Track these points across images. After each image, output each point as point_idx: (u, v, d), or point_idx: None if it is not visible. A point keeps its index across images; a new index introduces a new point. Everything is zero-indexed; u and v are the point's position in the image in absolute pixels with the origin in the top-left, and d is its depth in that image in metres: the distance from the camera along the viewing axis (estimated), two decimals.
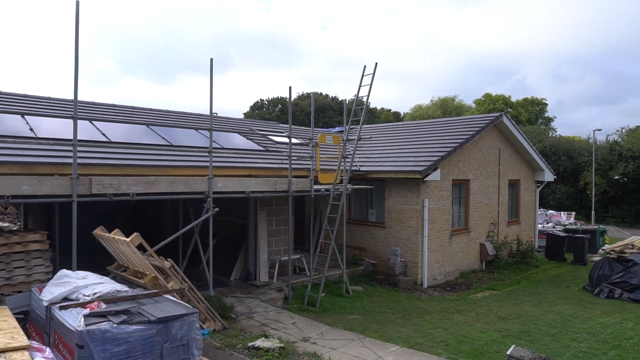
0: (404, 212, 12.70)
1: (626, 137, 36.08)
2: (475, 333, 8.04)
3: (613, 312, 9.97)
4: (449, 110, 49.56)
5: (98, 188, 6.85)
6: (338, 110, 50.22)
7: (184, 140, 10.74)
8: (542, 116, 53.39)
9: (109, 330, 4.01)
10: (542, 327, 8.52)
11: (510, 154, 16.44)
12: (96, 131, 9.57)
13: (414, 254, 12.46)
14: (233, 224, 11.99)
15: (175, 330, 4.42)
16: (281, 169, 10.36)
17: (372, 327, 8.26)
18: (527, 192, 17.64)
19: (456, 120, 16.91)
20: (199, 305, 7.10)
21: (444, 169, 12.90)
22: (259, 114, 53.51)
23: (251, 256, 11.11)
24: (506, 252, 15.57)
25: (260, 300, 9.45)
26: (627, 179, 31.63)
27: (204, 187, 8.08)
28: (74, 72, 6.57)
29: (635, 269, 11.56)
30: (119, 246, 6.64)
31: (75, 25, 6.51)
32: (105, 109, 12.64)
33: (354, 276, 12.28)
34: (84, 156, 7.64)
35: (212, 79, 8.34)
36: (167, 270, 6.83)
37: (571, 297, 11.66)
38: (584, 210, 32.90)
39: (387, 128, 18.96)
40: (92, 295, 4.74)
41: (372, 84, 10.37)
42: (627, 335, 8.08)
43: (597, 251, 17.47)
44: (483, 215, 14.98)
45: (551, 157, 34.83)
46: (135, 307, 4.57)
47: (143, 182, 7.35)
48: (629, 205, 32.14)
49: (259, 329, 7.62)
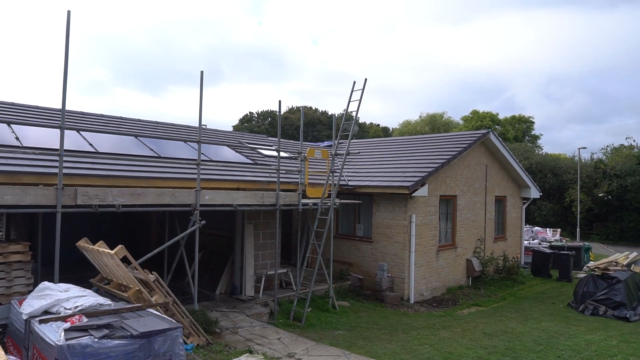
0: (391, 227, 12.73)
1: (610, 156, 36.79)
2: (461, 349, 8.03)
3: (597, 329, 10.04)
4: (437, 127, 50.11)
5: (83, 199, 6.77)
6: (327, 125, 50.48)
7: (173, 152, 10.69)
8: (529, 134, 54.22)
9: (90, 345, 3.94)
10: (528, 344, 8.54)
11: (497, 170, 16.62)
12: (83, 141, 9.49)
13: (400, 270, 12.46)
14: (220, 237, 11.90)
15: (158, 345, 4.35)
16: (269, 183, 10.34)
17: (358, 343, 8.21)
18: (514, 209, 17.81)
19: (444, 137, 17.10)
20: (182, 320, 6.99)
21: (431, 185, 12.99)
22: (248, 126, 53.55)
23: (237, 270, 11.01)
24: (492, 268, 15.65)
25: (245, 314, 9.34)
26: (611, 196, 32.17)
27: (191, 199, 8.02)
28: (62, 81, 6.53)
29: (619, 286, 11.69)
30: (103, 258, 6.55)
31: (66, 35, 6.49)
32: (94, 119, 12.56)
33: (340, 291, 12.22)
34: (70, 166, 7.55)
35: (202, 92, 8.35)
36: (152, 283, 6.74)
37: (556, 313, 11.73)
38: (570, 227, 33.31)
39: (376, 143, 19.10)
40: (74, 309, 4.66)
41: (362, 99, 10.47)
42: (611, 352, 8.13)
43: (582, 268, 17.67)
44: (470, 231, 15.07)
45: (537, 174, 35.30)
46: (118, 321, 4.50)
47: (129, 194, 7.28)
48: (613, 222, 32.63)
49: (244, 344, 7.52)
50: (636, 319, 11.11)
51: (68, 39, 6.51)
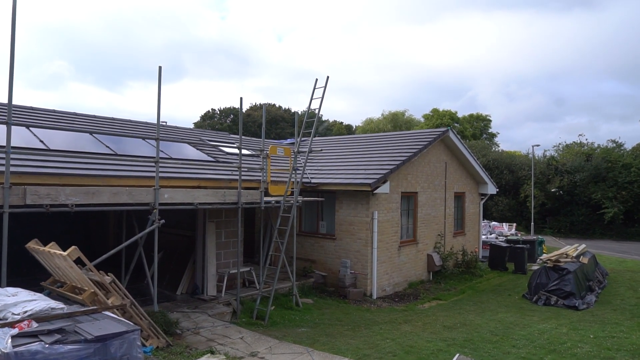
0: (354, 224, 12.84)
1: (562, 153, 38.50)
2: (422, 343, 8.21)
3: (550, 319, 10.49)
4: (399, 124, 50.95)
5: (33, 198, 6.46)
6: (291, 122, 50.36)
7: (130, 149, 10.37)
8: (487, 132, 56.00)
9: (40, 351, 3.76)
10: (485, 335, 8.83)
11: (456, 167, 17.07)
12: (33, 138, 9.06)
13: (363, 266, 12.60)
14: (180, 236, 11.66)
15: (114, 348, 4.21)
16: (231, 181, 10.22)
17: (321, 340, 8.24)
18: (472, 205, 18.35)
19: (405, 135, 17.40)
20: (141, 322, 6.81)
21: (393, 182, 13.19)
22: (210, 124, 52.70)
23: (199, 269, 10.82)
24: (452, 262, 16.08)
25: (207, 314, 9.20)
26: (562, 192, 33.73)
27: (149, 198, 7.81)
28: (9, 73, 6.21)
29: (569, 277, 12.25)
30: (55, 260, 6.28)
31: (12, 24, 6.16)
32: (46, 115, 12.01)
33: (304, 289, 12.23)
34: (19, 164, 7.20)
35: (160, 88, 8.13)
36: (108, 285, 6.52)
37: (512, 305, 12.17)
38: (525, 221, 34.67)
39: (339, 141, 19.21)
40: (23, 314, 4.43)
41: (324, 97, 10.48)
42: (561, 340, 8.52)
43: (535, 260, 18.39)
44: (430, 227, 15.42)
45: (494, 171, 36.52)
46: (71, 326, 4.32)
47: (83, 193, 7.01)
48: (565, 216, 34.25)
49: (206, 345, 7.40)
50: (584, 308, 11.69)
51: (14, 28, 6.18)
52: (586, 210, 33.20)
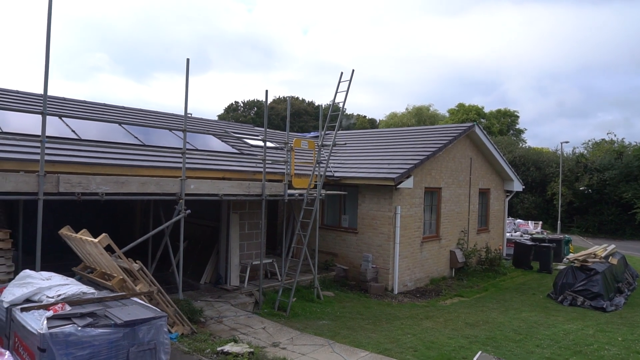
0: (376, 218, 12.81)
1: (591, 150, 37.45)
2: (444, 339, 8.16)
3: (575, 319, 10.29)
4: (423, 119, 50.37)
5: (66, 186, 6.67)
6: (314, 115, 50.34)
7: (157, 140, 10.56)
8: (514, 127, 54.81)
9: (73, 333, 3.90)
10: (508, 334, 8.72)
11: (481, 163, 16.81)
12: (66, 128, 9.32)
13: (385, 261, 12.57)
14: (205, 226, 11.84)
15: (142, 334, 4.33)
16: (255, 173, 10.31)
17: (342, 333, 8.29)
18: (497, 201, 18.06)
19: (430, 129, 17.20)
20: (167, 309, 6.97)
21: (416, 177, 13.09)
22: (233, 116, 53.12)
23: (222, 260, 10.99)
24: (475, 259, 15.88)
25: (230, 304, 9.35)
26: (591, 190, 32.84)
27: (176, 188, 7.96)
28: (44, 66, 6.39)
29: (597, 278, 11.97)
30: (86, 247, 6.47)
31: (48, 19, 6.34)
32: (77, 105, 12.33)
33: (325, 281, 12.29)
34: (52, 153, 7.43)
35: (187, 80, 8.25)
36: (136, 272, 6.69)
37: (536, 304, 11.97)
38: (551, 219, 33.93)
39: (362, 134, 19.13)
40: (56, 297, 4.60)
41: (349, 91, 10.46)
42: (587, 342, 8.35)
43: (562, 260, 18.01)
44: (454, 223, 15.25)
45: (520, 168, 35.79)
46: (102, 310, 4.46)
47: (113, 182, 7.19)
48: (593, 215, 33.35)
49: (229, 334, 7.54)
50: (612, 309, 11.41)
51: (50, 23, 6.36)
52: (616, 209, 32.25)
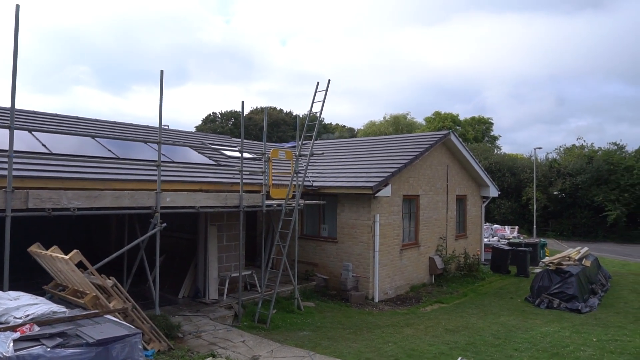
0: (355, 227, 12.83)
1: (563, 155, 38.43)
2: (424, 346, 8.18)
3: (552, 322, 10.45)
4: (400, 127, 50.93)
5: (35, 202, 6.48)
6: (292, 125, 50.37)
7: (133, 153, 10.39)
8: (488, 134, 55.92)
9: (42, 354, 3.76)
10: (487, 339, 8.80)
11: (457, 170, 17.05)
12: (36, 142, 9.09)
13: (365, 269, 12.58)
14: (182, 239, 11.67)
15: (116, 352, 4.21)
16: (233, 184, 10.22)
17: (323, 344, 8.22)
18: (474, 207, 18.32)
19: (407, 138, 17.39)
20: (142, 325, 6.81)
21: (394, 185, 13.19)
22: (211, 127, 52.75)
23: (200, 273, 10.82)
24: (454, 265, 16.04)
25: (209, 318, 9.19)
26: (564, 194, 33.66)
27: (151, 201, 7.82)
28: (11, 78, 6.23)
29: (572, 280, 12.21)
30: (57, 264, 6.29)
31: (15, 31, 6.19)
32: (48, 118, 12.05)
33: (306, 292, 12.22)
34: (21, 168, 7.22)
35: (162, 91, 8.15)
36: (109, 289, 6.53)
37: (514, 308, 12.13)
38: (527, 224, 34.58)
39: (340, 144, 19.21)
40: (25, 318, 4.43)
41: (325, 100, 10.50)
42: (564, 343, 8.48)
43: (538, 263, 18.34)
44: (432, 230, 15.39)
45: (496, 174, 36.45)
46: (73, 329, 4.32)
47: (85, 197, 7.02)
48: (567, 219, 34.16)
49: (207, 349, 7.40)
50: (587, 311, 11.64)
51: (17, 35, 6.21)
52: (589, 212, 33.11)
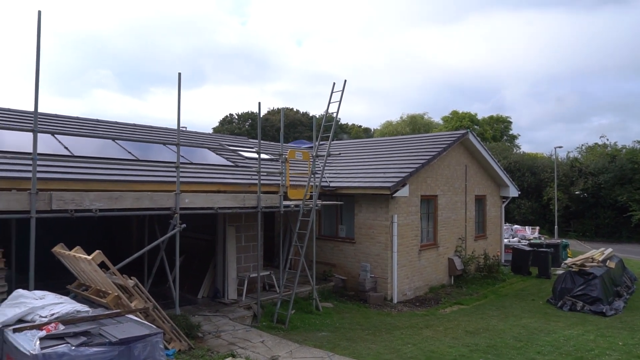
0: (373, 227, 12.77)
1: (585, 154, 37.61)
2: (444, 348, 8.09)
3: (575, 325, 10.23)
4: (417, 127, 50.58)
5: (59, 204, 6.60)
6: (309, 126, 50.42)
7: (152, 155, 10.53)
8: (507, 133, 55.11)
9: (67, 353, 3.83)
10: (509, 341, 8.65)
11: (476, 170, 16.84)
12: (58, 145, 9.27)
13: (383, 270, 12.51)
14: (201, 240, 11.76)
15: (138, 351, 4.26)
16: (250, 185, 10.27)
17: (342, 344, 8.20)
18: (493, 208, 18.07)
19: (424, 137, 17.25)
20: (163, 325, 6.88)
21: (412, 185, 13.09)
22: (228, 128, 53.14)
23: (219, 273, 10.90)
24: (474, 266, 15.84)
25: (228, 318, 9.25)
26: (586, 194, 32.92)
27: (170, 202, 7.91)
28: (34, 82, 6.37)
29: (595, 282, 11.93)
30: (80, 264, 6.40)
31: (37, 36, 6.33)
32: (69, 121, 12.28)
33: (324, 292, 12.20)
34: (45, 170, 7.37)
35: (180, 94, 8.24)
36: (131, 289, 6.61)
37: (536, 310, 11.92)
38: (548, 224, 33.95)
39: (357, 144, 19.15)
40: (50, 317, 4.53)
41: (341, 101, 10.49)
42: (588, 347, 8.29)
43: (560, 265, 17.98)
44: (451, 230, 15.23)
45: (516, 173, 35.89)
46: (96, 328, 4.40)
47: (107, 198, 7.13)
48: (589, 219, 33.41)
49: (227, 348, 7.44)
50: (612, 314, 11.36)
51: (39, 40, 6.35)
52: (612, 213, 32.34)
